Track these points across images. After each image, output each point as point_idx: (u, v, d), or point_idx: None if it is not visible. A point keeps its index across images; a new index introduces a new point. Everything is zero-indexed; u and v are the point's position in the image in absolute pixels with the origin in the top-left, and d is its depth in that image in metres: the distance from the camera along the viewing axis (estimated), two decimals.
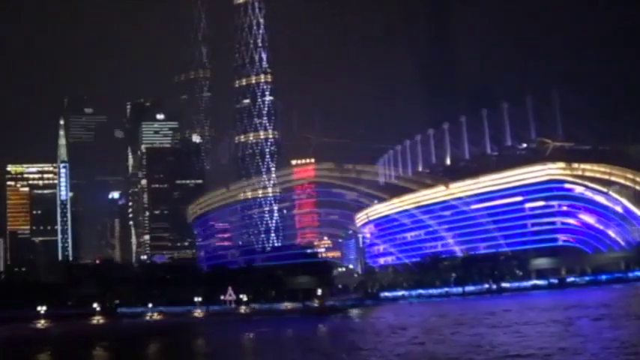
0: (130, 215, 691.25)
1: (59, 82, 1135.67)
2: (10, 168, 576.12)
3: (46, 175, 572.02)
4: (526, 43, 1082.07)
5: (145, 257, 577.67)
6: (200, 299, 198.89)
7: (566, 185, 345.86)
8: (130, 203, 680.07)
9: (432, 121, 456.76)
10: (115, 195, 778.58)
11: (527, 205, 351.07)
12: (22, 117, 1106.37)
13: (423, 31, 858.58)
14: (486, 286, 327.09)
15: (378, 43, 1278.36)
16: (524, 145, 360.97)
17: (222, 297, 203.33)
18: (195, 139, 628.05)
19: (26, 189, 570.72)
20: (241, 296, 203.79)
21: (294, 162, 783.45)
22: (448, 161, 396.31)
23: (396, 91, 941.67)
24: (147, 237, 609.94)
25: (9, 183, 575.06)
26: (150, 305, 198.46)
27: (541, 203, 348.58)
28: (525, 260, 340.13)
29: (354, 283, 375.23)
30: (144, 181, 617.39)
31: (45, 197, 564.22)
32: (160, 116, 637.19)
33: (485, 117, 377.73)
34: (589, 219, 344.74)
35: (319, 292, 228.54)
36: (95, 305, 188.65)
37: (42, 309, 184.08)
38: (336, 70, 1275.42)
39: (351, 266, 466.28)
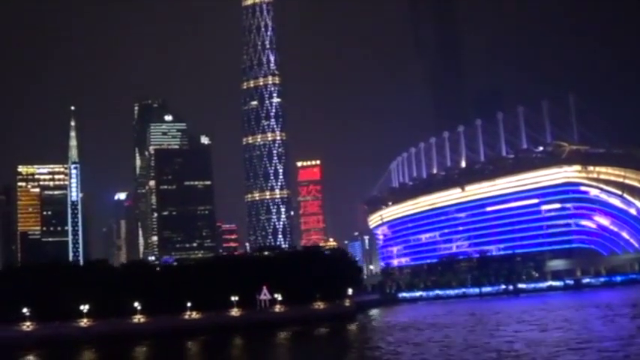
0: (136, 216, 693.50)
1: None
2: (20, 169, 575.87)
3: (57, 176, 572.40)
4: (541, 46, 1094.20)
5: (152, 258, 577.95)
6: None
7: (582, 188, 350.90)
8: (139, 205, 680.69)
9: (447, 123, 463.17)
10: (121, 196, 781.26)
11: (543, 207, 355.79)
12: (33, 117, 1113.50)
13: (438, 32, 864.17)
14: (503, 287, 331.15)
15: (390, 43, 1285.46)
16: (541, 148, 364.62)
17: (257, 296, 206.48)
18: (204, 140, 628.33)
19: (37, 190, 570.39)
20: (276, 296, 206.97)
21: (299, 164, 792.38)
22: (463, 164, 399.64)
23: (409, 93, 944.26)
24: (155, 238, 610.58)
25: (20, 184, 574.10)
26: None
27: (557, 205, 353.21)
28: (541, 262, 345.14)
29: (370, 284, 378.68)
30: (152, 183, 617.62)
31: (55, 198, 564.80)
32: (168, 117, 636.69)
33: (501, 120, 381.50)
34: (604, 221, 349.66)
35: (350, 291, 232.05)
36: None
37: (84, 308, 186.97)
38: (345, 72, 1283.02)
39: (372, 267, 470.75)
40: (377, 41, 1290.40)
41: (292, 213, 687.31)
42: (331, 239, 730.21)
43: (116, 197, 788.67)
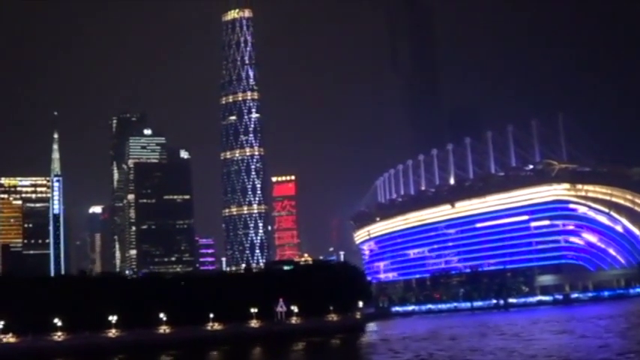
0: (113, 230, 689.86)
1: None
2: (3, 181, 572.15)
3: (39, 189, 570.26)
4: (529, 65, 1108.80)
5: (130, 272, 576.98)
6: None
7: (571, 205, 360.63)
8: (116, 218, 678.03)
9: (436, 142, 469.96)
10: (96, 209, 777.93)
11: (533, 224, 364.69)
12: (16, 130, 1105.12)
13: (418, 48, 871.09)
14: (494, 301, 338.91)
15: (370, 60, 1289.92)
16: (530, 166, 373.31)
17: (274, 308, 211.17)
18: (183, 154, 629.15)
19: (19, 202, 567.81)
20: (292, 308, 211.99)
21: (274, 179, 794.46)
22: (452, 181, 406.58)
23: (387, 110, 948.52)
24: (133, 252, 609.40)
25: (2, 196, 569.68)
26: None
27: (546, 222, 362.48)
28: (531, 277, 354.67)
29: None
30: (131, 196, 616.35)
31: (37, 211, 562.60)
32: (147, 131, 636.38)
33: (490, 139, 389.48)
34: (591, 238, 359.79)
35: (360, 304, 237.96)
36: None
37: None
38: (322, 88, 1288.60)
39: None
40: (356, 58, 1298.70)
41: (270, 228, 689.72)
42: (306, 255, 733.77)
43: (91, 211, 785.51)
